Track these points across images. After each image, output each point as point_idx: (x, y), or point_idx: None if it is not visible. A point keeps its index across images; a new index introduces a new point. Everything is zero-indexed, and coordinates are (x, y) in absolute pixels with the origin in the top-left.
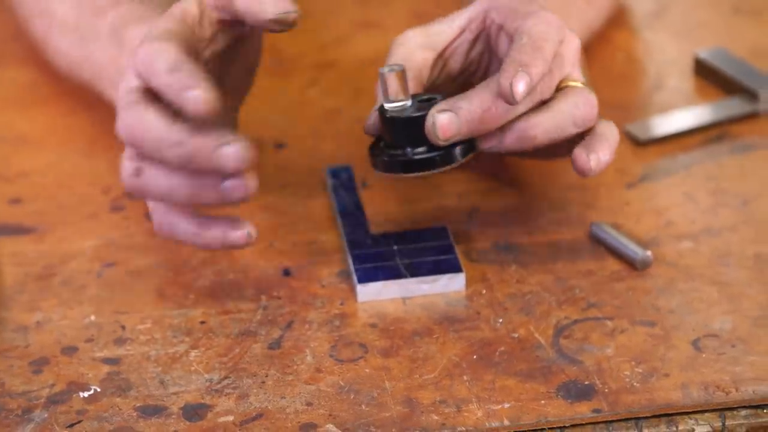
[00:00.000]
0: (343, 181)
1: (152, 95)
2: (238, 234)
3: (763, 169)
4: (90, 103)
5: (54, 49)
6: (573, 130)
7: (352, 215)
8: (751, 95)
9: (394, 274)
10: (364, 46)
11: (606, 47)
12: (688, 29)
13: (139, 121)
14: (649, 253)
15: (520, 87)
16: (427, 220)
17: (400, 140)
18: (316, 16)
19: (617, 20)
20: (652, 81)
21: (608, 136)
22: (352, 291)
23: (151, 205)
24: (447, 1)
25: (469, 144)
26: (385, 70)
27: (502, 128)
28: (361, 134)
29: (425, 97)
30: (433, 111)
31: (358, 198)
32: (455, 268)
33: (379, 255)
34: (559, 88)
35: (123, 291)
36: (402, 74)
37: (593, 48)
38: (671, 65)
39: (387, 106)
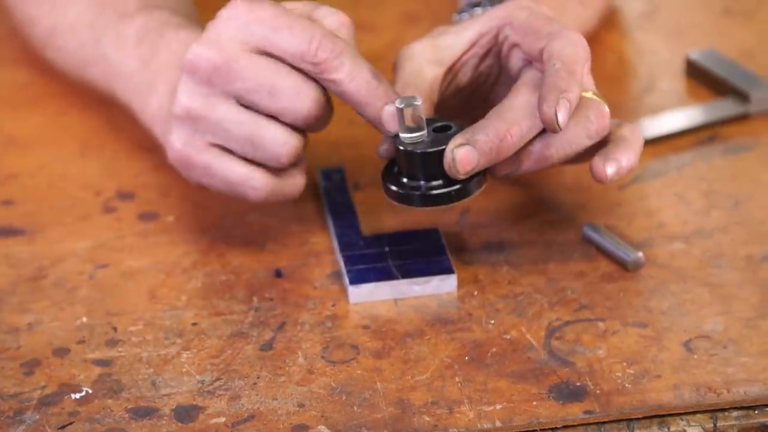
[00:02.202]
0: (335, 183)
1: None
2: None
3: (754, 170)
4: (82, 105)
5: (58, 49)
6: (587, 143)
7: (344, 217)
8: (742, 96)
9: (385, 276)
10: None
11: (597, 48)
12: (679, 30)
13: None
14: (640, 254)
15: (563, 114)
16: (419, 221)
17: (415, 173)
18: None
19: (608, 21)
20: (643, 82)
21: (631, 140)
22: (344, 292)
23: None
24: (437, 2)
25: (482, 175)
26: (402, 105)
27: (518, 153)
28: (353, 137)
29: (439, 124)
30: (451, 146)
31: (350, 200)
32: (447, 270)
33: (371, 256)
34: None
35: (115, 292)
36: (418, 108)
37: None
38: (663, 66)
39: (403, 136)
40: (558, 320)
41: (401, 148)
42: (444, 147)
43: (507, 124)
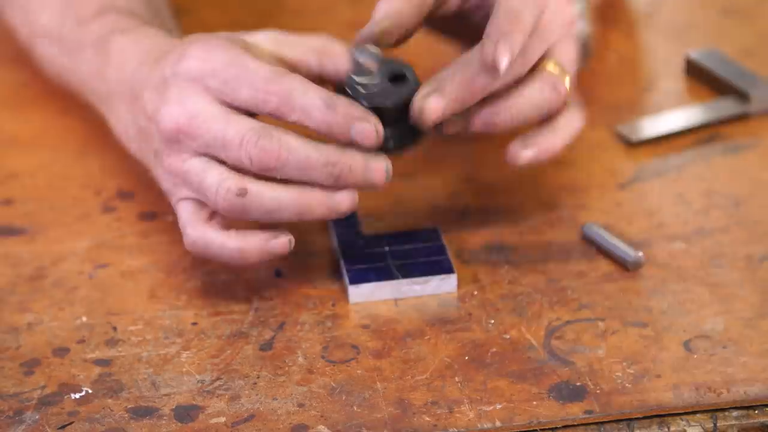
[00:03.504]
0: None
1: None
2: (279, 241)
3: (754, 169)
4: (81, 105)
5: (40, 56)
6: (536, 117)
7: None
8: (742, 96)
9: (386, 276)
10: None
11: (598, 48)
12: (679, 30)
13: (281, 147)
14: (641, 254)
15: (503, 55)
16: (419, 221)
17: None
18: (309, 17)
19: (610, 20)
20: (643, 82)
21: (562, 127)
22: (344, 292)
23: (184, 220)
24: None
25: (418, 134)
26: (359, 53)
27: (468, 113)
28: None
29: (394, 71)
30: (418, 97)
31: None
32: (447, 269)
33: (371, 256)
34: (536, 68)
35: (115, 292)
36: (375, 58)
37: None
38: (663, 66)
39: (356, 78)
40: (558, 320)
41: (349, 92)
42: (398, 102)
43: (472, 72)
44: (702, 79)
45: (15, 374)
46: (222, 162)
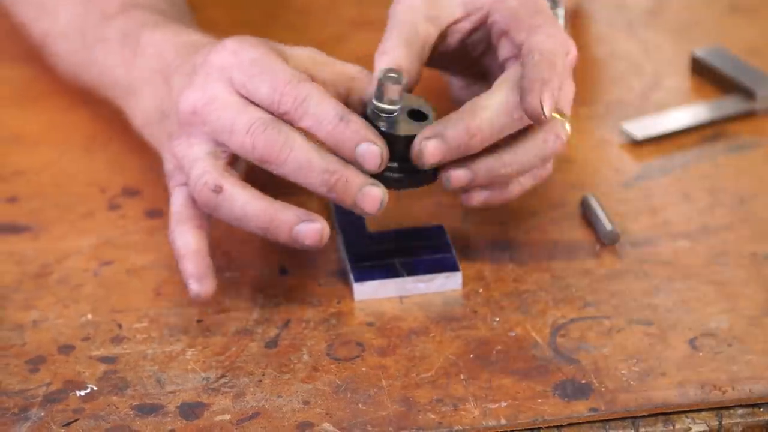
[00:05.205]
0: None
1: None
2: (312, 226)
3: (759, 167)
4: (87, 101)
5: (53, 54)
6: (537, 167)
7: (349, 214)
8: (747, 94)
9: (391, 273)
10: (361, 44)
11: (601, 47)
12: (684, 28)
13: (286, 142)
14: (611, 228)
15: (548, 105)
16: (424, 218)
17: None
18: (314, 15)
19: (613, 19)
20: (648, 79)
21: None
22: (349, 290)
23: (174, 205)
24: None
25: (437, 170)
26: (384, 79)
27: (472, 165)
28: None
29: (415, 107)
30: (419, 138)
31: None
32: (452, 267)
33: (376, 254)
34: None
35: (120, 289)
36: (401, 87)
37: (591, 47)
38: (668, 64)
39: (375, 104)
40: (563, 318)
41: (368, 114)
42: (409, 135)
43: (479, 121)
44: (707, 76)
45: (20, 371)
46: (223, 153)
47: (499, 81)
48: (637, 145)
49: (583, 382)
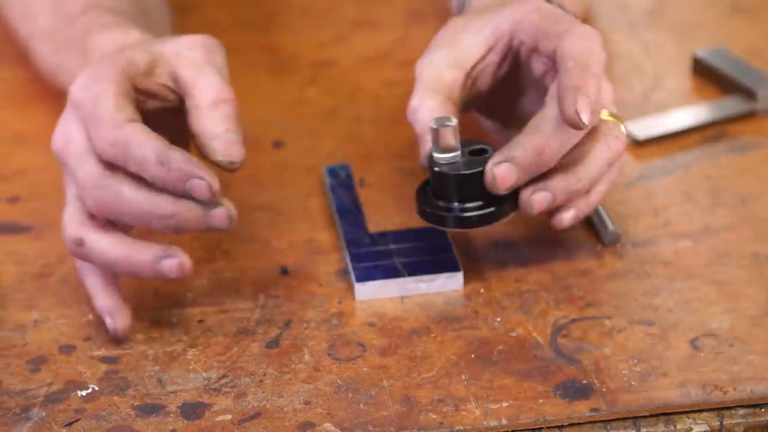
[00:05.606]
0: (341, 180)
1: (115, 167)
2: (172, 262)
3: (761, 168)
4: None
5: (35, 56)
6: (608, 169)
7: (350, 214)
8: (749, 94)
9: (392, 273)
10: (362, 44)
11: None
12: (686, 28)
13: (115, 199)
14: (612, 228)
15: (584, 111)
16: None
17: (449, 194)
18: (314, 15)
19: (614, 20)
20: (650, 80)
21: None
22: (351, 290)
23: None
24: (442, 0)
25: (515, 198)
26: (436, 125)
27: (550, 186)
28: (359, 133)
29: (476, 147)
30: (490, 164)
31: (356, 196)
32: (453, 267)
33: (378, 254)
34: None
35: (121, 290)
36: (455, 129)
37: None
38: (669, 64)
39: (437, 157)
40: (564, 318)
41: (436, 169)
42: (480, 169)
43: (544, 137)
44: (709, 77)
45: (22, 371)
46: None
47: (549, 95)
48: (638, 145)
49: (584, 382)
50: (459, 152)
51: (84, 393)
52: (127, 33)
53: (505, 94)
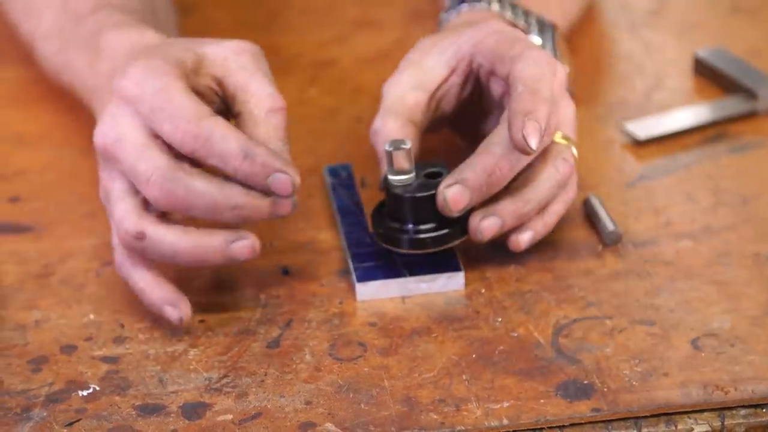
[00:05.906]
0: (342, 180)
1: (183, 158)
2: (244, 243)
3: (762, 168)
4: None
5: (40, 54)
6: (557, 191)
7: (351, 214)
8: (750, 94)
9: (393, 273)
10: (363, 45)
11: (605, 46)
12: (687, 28)
13: (186, 192)
14: (613, 228)
15: (532, 136)
16: None
17: (404, 216)
18: (316, 15)
19: (615, 19)
20: (651, 80)
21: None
22: (352, 290)
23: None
24: (443, 0)
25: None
26: (390, 148)
27: (498, 210)
28: (360, 133)
29: (432, 170)
30: (441, 187)
31: (357, 196)
32: (454, 267)
33: (379, 254)
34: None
35: (122, 290)
36: (408, 152)
37: (594, 47)
38: (670, 64)
39: (391, 179)
40: (565, 318)
41: (390, 191)
42: (433, 192)
43: (494, 158)
44: (710, 77)
45: (23, 371)
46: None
47: (503, 117)
48: (639, 145)
49: (585, 382)
50: (413, 174)
51: (85, 393)
52: (142, 33)
53: (470, 115)
